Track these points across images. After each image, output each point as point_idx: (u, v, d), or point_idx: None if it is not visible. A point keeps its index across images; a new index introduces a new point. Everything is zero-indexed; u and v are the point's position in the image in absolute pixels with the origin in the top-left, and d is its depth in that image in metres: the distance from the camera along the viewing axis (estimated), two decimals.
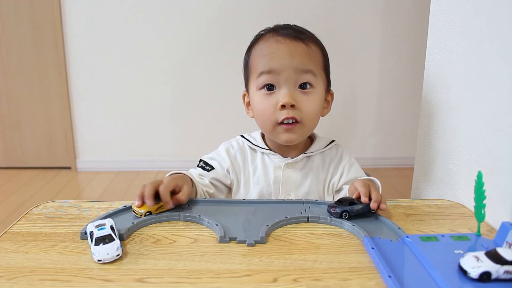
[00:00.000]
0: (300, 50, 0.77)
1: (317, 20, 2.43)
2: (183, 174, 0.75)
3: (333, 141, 0.88)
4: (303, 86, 0.77)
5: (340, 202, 0.66)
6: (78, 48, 2.51)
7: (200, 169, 0.85)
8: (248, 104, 0.86)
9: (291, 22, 0.83)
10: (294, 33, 0.78)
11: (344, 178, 0.84)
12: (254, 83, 0.80)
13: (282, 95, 0.76)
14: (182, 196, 0.68)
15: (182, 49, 2.51)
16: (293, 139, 0.79)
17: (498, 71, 0.66)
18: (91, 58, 2.52)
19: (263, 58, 0.78)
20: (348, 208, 0.64)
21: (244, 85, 0.86)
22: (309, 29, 0.83)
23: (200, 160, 0.87)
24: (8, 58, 2.53)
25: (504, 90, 0.65)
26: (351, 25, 2.50)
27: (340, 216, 0.64)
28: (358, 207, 0.64)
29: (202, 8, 2.45)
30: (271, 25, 0.84)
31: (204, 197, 0.80)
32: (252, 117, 0.85)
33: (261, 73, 0.77)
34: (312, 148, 0.85)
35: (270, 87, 0.77)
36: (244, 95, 0.87)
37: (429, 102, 0.88)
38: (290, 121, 0.77)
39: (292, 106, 0.75)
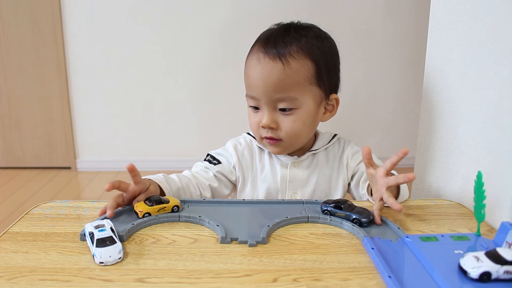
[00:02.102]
0: (275, 75, 0.74)
1: (317, 20, 2.42)
2: (150, 180, 0.73)
3: (335, 135, 0.88)
4: (282, 109, 0.77)
5: (336, 202, 0.66)
6: (78, 48, 2.51)
7: (207, 163, 0.86)
8: None
9: (290, 21, 0.82)
10: (276, 52, 0.75)
11: (351, 167, 0.85)
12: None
13: (263, 117, 0.78)
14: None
15: (182, 49, 2.51)
16: (277, 152, 0.82)
17: (498, 71, 0.66)
18: (91, 58, 2.52)
19: (247, 79, 0.79)
20: (332, 209, 0.65)
21: None
22: (310, 29, 0.81)
23: (208, 154, 0.87)
24: (8, 58, 2.53)
25: (504, 90, 0.65)
26: (351, 25, 2.49)
27: (322, 212, 0.66)
28: (341, 213, 0.65)
29: (202, 7, 2.45)
30: (268, 27, 0.82)
31: (200, 193, 0.81)
32: None
33: (246, 95, 0.80)
34: (316, 145, 0.86)
35: (255, 107, 0.80)
36: None
37: (429, 102, 0.88)
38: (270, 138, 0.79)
39: (271, 127, 0.77)
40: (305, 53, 0.76)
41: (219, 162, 0.85)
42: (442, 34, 0.82)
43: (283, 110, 0.77)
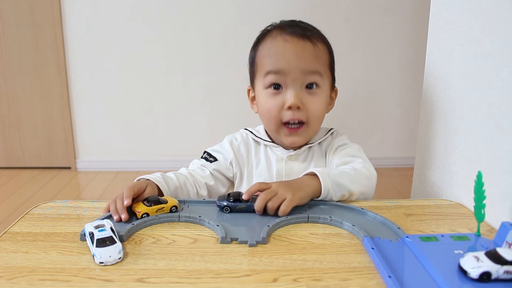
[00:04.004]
0: (307, 50, 0.77)
1: (317, 20, 2.43)
2: (148, 180, 0.73)
3: (331, 129, 0.88)
4: (309, 86, 0.77)
5: (230, 196, 0.67)
6: (78, 48, 2.51)
7: (203, 160, 0.85)
8: (253, 99, 0.86)
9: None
10: (301, 31, 0.78)
11: (329, 158, 0.83)
12: (261, 81, 0.80)
13: (289, 96, 0.76)
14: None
15: (182, 49, 2.50)
16: (297, 141, 0.80)
17: (498, 71, 0.66)
18: (91, 58, 2.52)
19: (271, 57, 0.78)
20: (231, 204, 0.66)
21: (250, 81, 0.86)
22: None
23: (204, 152, 0.87)
24: (8, 58, 2.53)
25: (504, 90, 0.65)
26: (350, 25, 2.49)
27: (222, 209, 0.67)
28: (241, 205, 0.66)
29: (202, 8, 2.45)
30: (271, 24, 0.83)
31: (196, 191, 0.81)
32: (257, 113, 0.85)
33: (268, 73, 0.78)
34: (313, 139, 0.85)
35: (276, 86, 0.78)
36: (248, 90, 0.87)
37: (429, 102, 0.88)
38: (296, 121, 0.77)
39: (298, 107, 0.76)
40: (322, 40, 0.80)
41: (216, 159, 0.85)
42: (442, 34, 0.82)
43: (309, 87, 0.77)
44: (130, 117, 2.61)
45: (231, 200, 0.66)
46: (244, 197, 0.66)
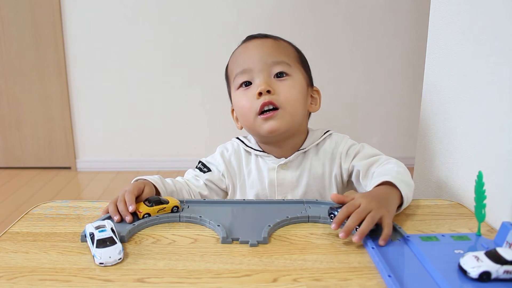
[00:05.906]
0: (268, 44, 0.80)
1: (316, 20, 2.43)
2: (146, 180, 0.73)
3: (327, 131, 0.84)
4: (278, 75, 0.77)
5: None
6: (78, 48, 2.51)
7: (198, 170, 0.85)
8: (237, 119, 0.85)
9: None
10: (263, 34, 0.82)
11: (345, 168, 0.80)
12: (233, 87, 0.81)
13: (257, 84, 0.76)
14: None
15: (182, 49, 2.51)
16: (274, 127, 0.75)
17: (498, 71, 0.66)
18: (91, 58, 2.52)
19: (236, 60, 0.81)
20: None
21: (230, 101, 0.87)
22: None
23: (199, 162, 0.86)
24: (8, 58, 2.53)
25: (504, 90, 0.65)
26: (350, 25, 2.49)
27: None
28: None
29: (202, 8, 2.45)
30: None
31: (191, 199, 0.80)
32: (241, 129, 0.85)
33: (236, 75, 0.79)
34: (306, 143, 0.82)
35: (247, 83, 0.79)
36: (232, 110, 0.86)
37: (429, 102, 0.88)
38: (270, 107, 0.75)
39: (268, 92, 0.75)
40: (287, 41, 0.83)
41: (209, 170, 0.84)
42: (442, 34, 0.82)
43: (278, 76, 0.77)
44: (130, 117, 2.61)
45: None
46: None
